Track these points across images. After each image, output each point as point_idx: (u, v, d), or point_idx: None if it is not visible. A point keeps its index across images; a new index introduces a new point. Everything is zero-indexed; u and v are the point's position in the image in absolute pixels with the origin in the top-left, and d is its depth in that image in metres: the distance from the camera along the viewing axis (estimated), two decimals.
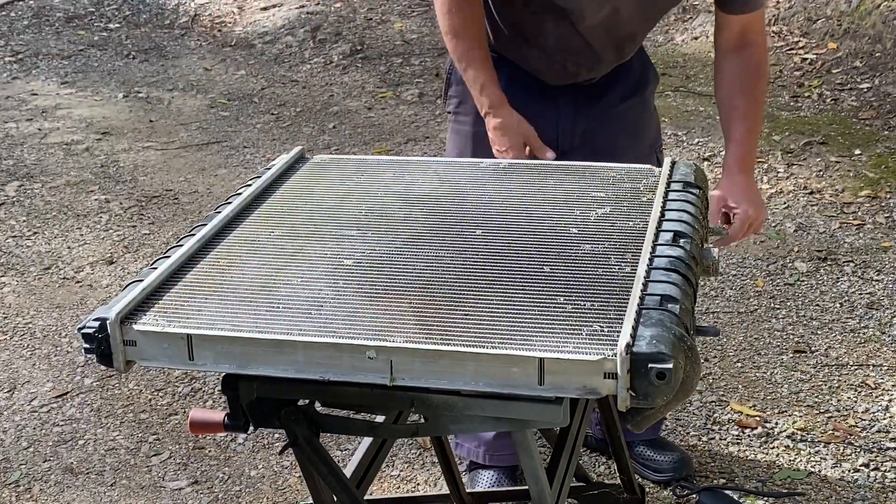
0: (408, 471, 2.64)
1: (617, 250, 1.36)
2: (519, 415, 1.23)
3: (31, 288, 3.63)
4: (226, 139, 5.04)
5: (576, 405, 1.41)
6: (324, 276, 1.33)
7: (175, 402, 2.96)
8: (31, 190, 4.47)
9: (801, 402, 2.82)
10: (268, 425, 1.36)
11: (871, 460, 2.57)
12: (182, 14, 7.09)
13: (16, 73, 6.19)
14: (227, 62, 6.29)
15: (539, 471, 1.33)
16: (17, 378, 3.10)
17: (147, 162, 4.77)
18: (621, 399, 1.12)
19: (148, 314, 1.26)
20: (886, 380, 2.90)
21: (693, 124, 4.82)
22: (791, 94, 5.11)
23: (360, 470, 1.61)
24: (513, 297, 1.26)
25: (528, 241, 1.40)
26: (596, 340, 1.15)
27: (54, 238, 4.00)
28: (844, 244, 3.66)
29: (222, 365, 1.23)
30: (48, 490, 2.62)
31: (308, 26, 6.53)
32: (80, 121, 5.35)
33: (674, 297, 1.22)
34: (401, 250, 1.40)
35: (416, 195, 1.57)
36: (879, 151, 4.38)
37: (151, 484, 2.63)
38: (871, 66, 5.15)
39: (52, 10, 7.33)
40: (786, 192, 4.07)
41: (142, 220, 4.15)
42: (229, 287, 1.33)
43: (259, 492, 2.58)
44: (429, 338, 1.17)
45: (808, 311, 3.26)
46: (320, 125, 5.20)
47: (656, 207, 1.44)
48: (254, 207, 1.57)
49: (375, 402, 1.32)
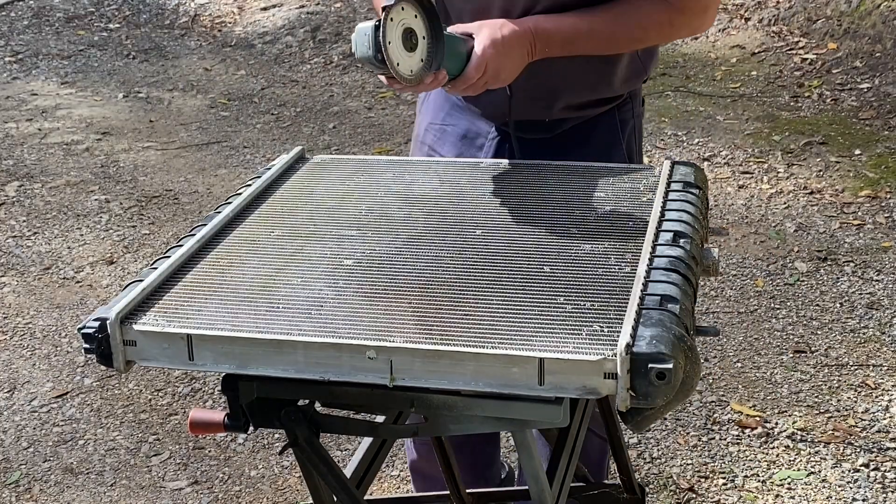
0: (408, 471, 2.64)
1: (617, 250, 1.36)
2: (519, 415, 1.23)
3: (31, 288, 3.63)
4: (226, 139, 5.04)
5: (576, 405, 1.41)
6: (324, 276, 1.33)
7: (175, 402, 2.96)
8: (31, 190, 4.47)
9: (801, 402, 2.82)
10: (268, 425, 1.36)
11: (871, 460, 2.57)
12: (182, 14, 7.09)
13: (16, 73, 6.19)
14: (227, 62, 6.29)
15: (539, 471, 1.33)
16: (17, 378, 3.10)
17: (147, 162, 4.77)
18: (621, 399, 1.12)
19: (148, 314, 1.26)
20: (886, 380, 2.90)
21: (693, 124, 4.82)
22: (791, 94, 5.11)
23: (360, 470, 1.61)
24: (513, 297, 1.26)
25: (528, 241, 1.40)
26: (596, 340, 1.15)
27: (54, 238, 4.00)
28: (844, 244, 3.66)
29: (222, 365, 1.23)
30: (48, 490, 2.62)
31: (308, 26, 6.53)
32: (80, 121, 5.35)
33: (674, 297, 1.22)
34: (401, 250, 1.40)
35: (416, 195, 1.57)
36: (879, 151, 4.38)
37: (151, 484, 2.63)
38: (871, 66, 5.15)
39: (52, 10, 7.33)
40: (786, 192, 4.07)
41: (142, 220, 4.15)
42: (229, 287, 1.33)
43: (259, 492, 2.58)
44: (429, 338, 1.17)
45: (808, 311, 3.26)
46: (320, 125, 5.20)
47: (656, 207, 1.44)
48: (254, 207, 1.57)
49: (375, 402, 1.32)
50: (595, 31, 1.61)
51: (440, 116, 1.88)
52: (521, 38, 1.55)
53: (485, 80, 1.52)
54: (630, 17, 1.63)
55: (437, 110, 1.90)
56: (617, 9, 1.62)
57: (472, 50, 1.50)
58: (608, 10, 1.61)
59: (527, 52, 1.57)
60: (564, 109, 1.75)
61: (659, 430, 2.73)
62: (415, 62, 1.42)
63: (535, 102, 1.73)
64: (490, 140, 1.82)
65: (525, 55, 1.57)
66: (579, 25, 1.60)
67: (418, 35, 1.42)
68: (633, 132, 1.84)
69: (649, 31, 1.67)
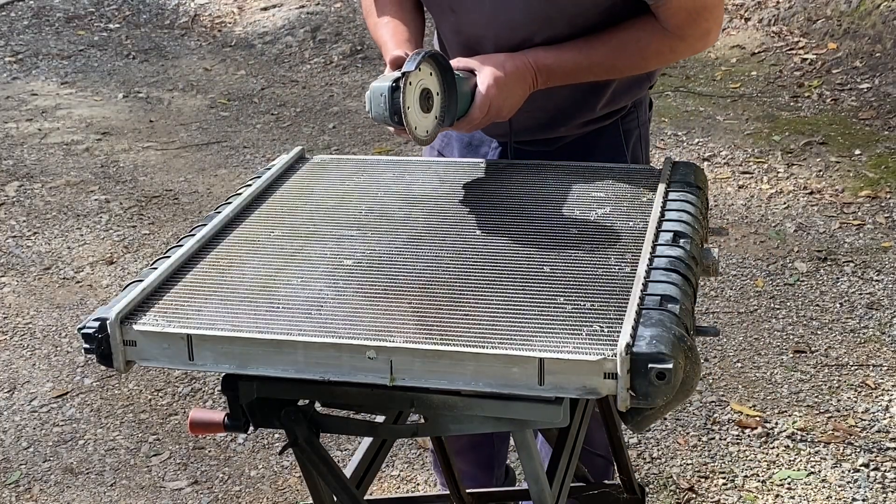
0: (408, 471, 2.64)
1: (617, 250, 1.36)
2: (519, 415, 1.23)
3: (31, 288, 3.63)
4: (226, 139, 5.04)
5: (576, 405, 1.41)
6: (324, 276, 1.33)
7: (175, 402, 2.96)
8: (31, 190, 4.47)
9: (801, 402, 2.82)
10: (268, 425, 1.36)
11: (871, 460, 2.57)
12: (182, 14, 7.09)
13: (16, 73, 6.19)
14: (227, 62, 6.29)
15: (539, 471, 1.33)
16: (17, 378, 3.10)
17: (147, 162, 4.77)
18: (621, 399, 1.12)
19: (148, 314, 1.26)
20: (886, 380, 2.90)
21: (693, 124, 4.82)
22: (791, 94, 5.11)
23: (360, 470, 1.61)
24: (513, 297, 1.26)
25: (528, 242, 1.40)
26: (596, 340, 1.15)
27: (54, 238, 4.00)
28: (844, 244, 3.66)
29: (222, 365, 1.23)
30: (48, 490, 2.62)
31: (308, 26, 6.53)
32: (80, 121, 5.35)
33: (674, 298, 1.22)
34: (401, 250, 1.40)
35: (416, 195, 1.57)
36: (879, 151, 4.38)
37: (151, 484, 2.63)
38: (871, 66, 5.15)
39: (52, 10, 7.33)
40: (786, 192, 4.07)
41: (142, 220, 4.15)
42: (229, 287, 1.33)
43: (259, 492, 2.58)
44: (429, 338, 1.17)
45: (808, 311, 3.26)
46: (320, 125, 5.20)
47: (656, 207, 1.44)
48: (254, 207, 1.57)
49: (375, 402, 1.32)
50: (595, 63, 1.60)
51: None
52: (523, 74, 1.55)
53: (489, 118, 1.53)
54: (630, 48, 1.61)
55: None
56: (616, 40, 1.60)
57: (475, 87, 1.50)
58: (607, 42, 1.60)
59: (528, 87, 1.57)
60: (565, 129, 1.75)
61: (659, 430, 2.73)
62: (430, 122, 1.43)
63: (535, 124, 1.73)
64: (493, 150, 1.82)
65: (527, 89, 1.57)
66: (579, 60, 1.59)
67: (433, 92, 1.42)
68: (639, 141, 1.82)
69: (650, 60, 1.66)
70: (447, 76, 1.44)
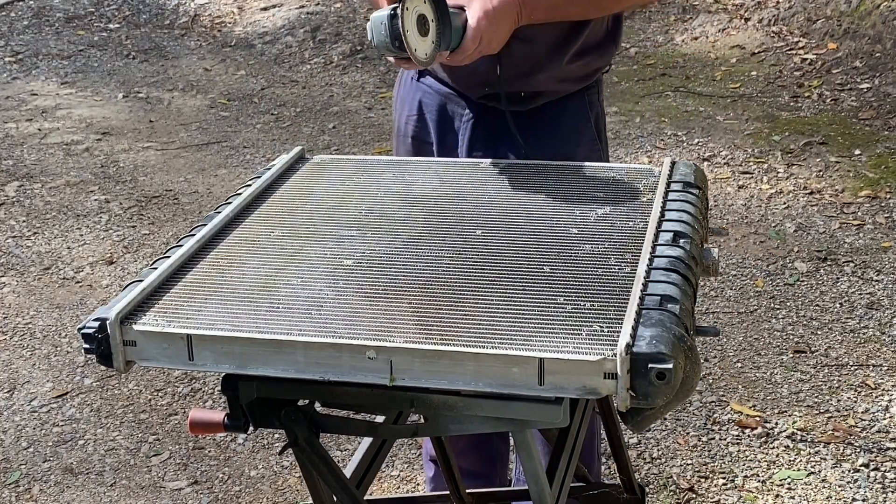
0: (408, 471, 2.64)
1: (617, 250, 1.36)
2: (519, 415, 1.23)
3: (31, 288, 3.63)
4: (226, 139, 5.04)
5: (576, 405, 1.41)
6: (324, 276, 1.33)
7: (175, 402, 2.96)
8: (31, 190, 4.47)
9: (801, 402, 2.82)
10: (268, 425, 1.36)
11: (871, 460, 2.57)
12: (182, 14, 7.09)
13: (16, 73, 6.19)
14: (227, 62, 6.29)
15: (539, 471, 1.33)
16: (17, 378, 3.10)
17: (147, 162, 4.77)
18: (621, 399, 1.12)
19: (148, 314, 1.26)
20: (886, 380, 2.90)
21: (693, 124, 4.82)
22: (791, 94, 5.11)
23: (360, 470, 1.61)
24: (512, 297, 1.26)
25: (528, 242, 1.40)
26: (596, 340, 1.15)
27: (54, 238, 4.00)
28: (844, 244, 3.66)
29: (222, 365, 1.23)
30: (48, 490, 2.62)
31: (308, 26, 6.53)
32: (80, 121, 5.35)
33: (674, 298, 1.22)
34: (400, 250, 1.40)
35: (415, 195, 1.57)
36: (879, 151, 4.38)
37: (151, 484, 2.63)
38: (871, 66, 5.15)
39: (52, 10, 7.33)
40: (786, 192, 4.07)
41: (142, 220, 4.15)
42: (229, 287, 1.33)
43: (259, 492, 2.58)
44: (429, 338, 1.17)
45: (808, 312, 3.26)
46: (320, 125, 5.20)
47: (656, 207, 1.44)
48: (254, 207, 1.57)
49: (375, 402, 1.32)
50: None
51: (415, 108, 1.94)
52: (509, 7, 1.63)
53: (479, 49, 1.60)
54: None
55: (412, 102, 1.95)
56: None
57: (465, 22, 1.58)
58: None
59: (514, 20, 1.66)
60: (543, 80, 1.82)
61: (659, 430, 2.73)
62: (428, 45, 1.51)
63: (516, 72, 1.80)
64: (465, 122, 1.88)
65: (513, 23, 1.65)
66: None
67: (428, 18, 1.50)
68: (599, 115, 1.95)
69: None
70: (440, 3, 1.52)
